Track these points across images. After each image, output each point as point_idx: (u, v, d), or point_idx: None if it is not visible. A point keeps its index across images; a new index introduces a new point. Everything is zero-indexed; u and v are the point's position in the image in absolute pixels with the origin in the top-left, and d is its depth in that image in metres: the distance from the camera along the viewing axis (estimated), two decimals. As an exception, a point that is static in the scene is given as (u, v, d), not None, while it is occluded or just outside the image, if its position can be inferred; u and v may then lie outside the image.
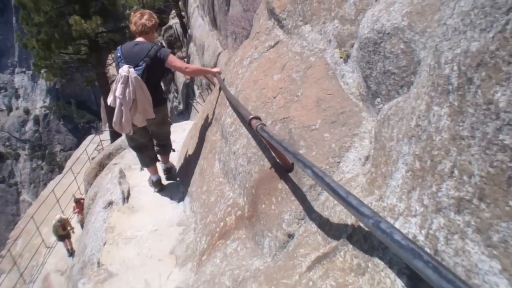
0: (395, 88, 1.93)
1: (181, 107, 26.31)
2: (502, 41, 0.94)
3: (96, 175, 9.38)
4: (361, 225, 1.49)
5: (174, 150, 5.01)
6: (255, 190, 2.58)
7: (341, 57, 2.63)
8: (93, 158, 19.16)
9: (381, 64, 2.02)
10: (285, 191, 2.30)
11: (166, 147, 4.83)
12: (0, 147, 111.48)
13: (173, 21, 33.05)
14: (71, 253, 12.70)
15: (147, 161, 4.77)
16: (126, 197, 4.89)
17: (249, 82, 3.49)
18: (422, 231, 1.13)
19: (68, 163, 24.16)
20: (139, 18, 4.11)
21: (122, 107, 3.88)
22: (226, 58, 11.77)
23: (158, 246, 3.66)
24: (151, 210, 4.48)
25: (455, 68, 1.12)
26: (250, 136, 2.96)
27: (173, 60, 4.06)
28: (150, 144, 4.70)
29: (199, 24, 21.37)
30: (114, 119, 4.00)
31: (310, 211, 2.07)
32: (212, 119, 4.39)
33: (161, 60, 3.99)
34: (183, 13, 31.02)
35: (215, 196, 3.35)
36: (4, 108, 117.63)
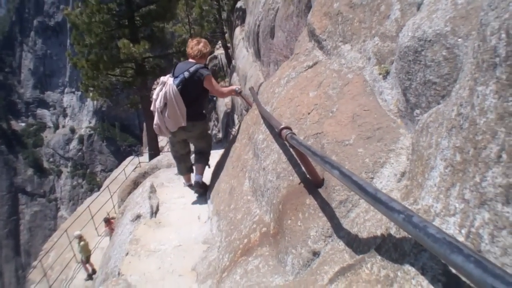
0: (435, 99, 1.80)
1: (220, 135, 26.56)
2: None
3: (129, 193, 9.46)
4: (392, 233, 1.36)
5: (209, 166, 5.30)
6: (282, 206, 2.46)
7: (380, 74, 2.52)
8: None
9: (421, 74, 1.90)
10: (313, 207, 2.18)
11: (202, 156, 5.17)
12: (44, 162, 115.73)
13: (219, 52, 33.87)
14: (91, 277, 12.52)
15: (184, 170, 5.39)
16: (154, 212, 4.85)
17: (284, 100, 3.43)
18: (463, 231, 0.99)
19: (106, 182, 24.66)
20: (196, 44, 4.64)
21: (158, 109, 4.47)
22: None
23: (180, 261, 3.56)
24: (177, 226, 4.41)
25: (503, 35, 0.99)
26: (281, 151, 2.86)
27: (209, 81, 4.56)
28: (188, 157, 5.32)
29: (243, 55, 21.71)
30: (154, 121, 4.66)
31: (338, 228, 1.93)
32: (246, 138, 4.33)
33: (198, 78, 4.49)
34: (228, 44, 31.77)
35: (242, 213, 3.24)
36: (51, 125, 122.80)
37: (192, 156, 5.46)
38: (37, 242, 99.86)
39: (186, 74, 4.43)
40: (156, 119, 4.60)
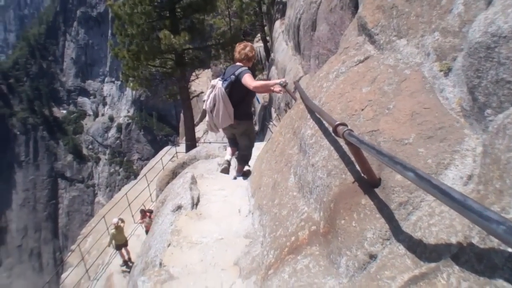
0: (509, 99, 1.68)
1: (256, 128, 26.56)
2: None
3: (168, 182, 9.56)
4: (474, 242, 1.26)
5: (249, 166, 5.84)
6: (334, 204, 2.39)
7: (441, 70, 2.40)
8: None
9: (493, 72, 1.78)
10: (369, 207, 2.09)
11: (243, 157, 5.72)
12: (83, 149, 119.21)
13: (257, 45, 33.75)
14: (126, 264, 12.66)
15: (230, 144, 5.93)
16: (195, 203, 4.87)
17: (334, 95, 3.33)
18: None
19: (143, 171, 25.06)
20: (243, 48, 5.04)
21: (208, 109, 5.03)
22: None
23: (222, 255, 3.54)
24: (218, 219, 4.40)
25: None
26: (332, 148, 2.78)
27: (245, 78, 4.79)
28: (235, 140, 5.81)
29: (283, 49, 21.57)
30: (206, 118, 5.30)
31: (397, 232, 1.84)
32: (290, 133, 4.26)
33: (240, 79, 4.82)
34: (267, 38, 31.64)
35: (288, 209, 3.18)
36: (91, 113, 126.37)
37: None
38: (74, 226, 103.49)
39: (233, 77, 4.86)
40: (207, 117, 5.23)
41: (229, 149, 5.92)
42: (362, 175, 2.29)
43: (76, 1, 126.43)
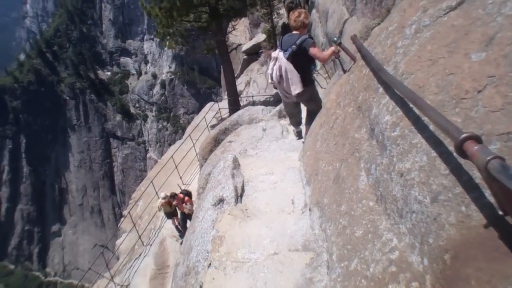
0: None
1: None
2: None
3: (211, 150, 8.96)
4: None
5: None
6: (452, 259, 1.48)
7: None
8: (211, 126, 19.33)
9: None
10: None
11: (312, 118, 5.35)
12: (131, 108, 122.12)
13: (295, -14, 31.75)
14: (177, 228, 12.49)
15: (294, 123, 6.28)
16: (239, 195, 4.07)
17: (419, 61, 2.32)
18: None
19: (188, 129, 24.83)
20: (298, 16, 5.00)
21: (276, 81, 5.13)
22: (360, 25, 10.33)
23: (277, 280, 2.74)
24: (268, 217, 3.60)
25: None
26: (434, 153, 1.82)
27: (313, 50, 4.83)
28: (298, 114, 6.08)
29: (324, -12, 19.85)
30: (278, 90, 5.41)
31: None
32: (352, 107, 3.29)
33: (304, 48, 4.83)
34: (306, -23, 29.57)
35: (363, 229, 2.29)
36: (134, 72, 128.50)
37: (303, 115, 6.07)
38: (129, 182, 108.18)
39: (294, 47, 4.85)
40: (278, 89, 5.35)
41: (295, 127, 6.32)
42: (501, 213, 1.36)
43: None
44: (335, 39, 4.34)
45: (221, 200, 4.05)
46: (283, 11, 30.56)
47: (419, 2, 2.84)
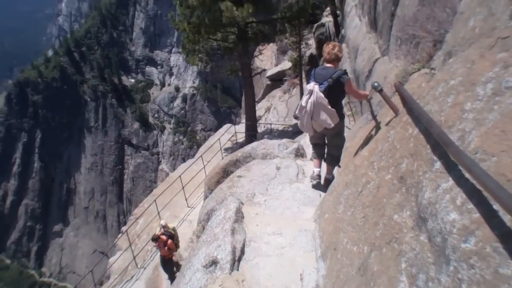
0: None
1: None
2: None
3: (218, 182, 8.33)
4: None
5: (340, 166, 5.57)
6: None
7: None
8: (225, 149, 18.70)
9: None
10: None
11: (334, 158, 5.69)
12: (149, 117, 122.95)
13: (326, 19, 31.29)
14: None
15: (316, 155, 5.90)
16: (237, 259, 3.35)
17: (505, 138, 1.62)
18: None
19: (201, 149, 24.27)
20: (332, 49, 4.99)
21: (306, 114, 4.99)
22: (394, 67, 9.65)
23: None
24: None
25: None
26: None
27: (349, 85, 4.92)
28: (323, 146, 5.82)
29: (355, 25, 19.30)
30: (299, 122, 5.26)
31: None
32: (391, 175, 2.59)
33: (341, 83, 4.87)
34: (338, 12, 29.19)
35: None
36: (158, 83, 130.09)
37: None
38: (138, 191, 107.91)
39: (330, 81, 4.82)
40: (303, 121, 5.11)
41: (316, 161, 5.89)
42: None
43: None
44: (376, 84, 3.71)
45: (214, 262, 3.33)
46: (312, 41, 30.18)
47: (495, 54, 2.16)
